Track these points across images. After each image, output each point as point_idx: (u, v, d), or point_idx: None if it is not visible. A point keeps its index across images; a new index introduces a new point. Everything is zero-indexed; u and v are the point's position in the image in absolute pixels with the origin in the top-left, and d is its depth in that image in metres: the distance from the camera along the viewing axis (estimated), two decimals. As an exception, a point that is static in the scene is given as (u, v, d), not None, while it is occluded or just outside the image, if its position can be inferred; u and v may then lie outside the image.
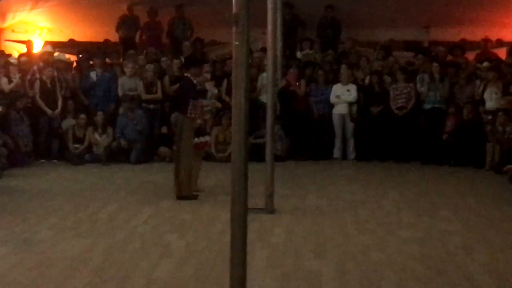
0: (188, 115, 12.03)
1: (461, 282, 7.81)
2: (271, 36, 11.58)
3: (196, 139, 12.46)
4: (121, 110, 16.71)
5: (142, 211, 11.22)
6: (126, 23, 19.62)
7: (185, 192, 11.99)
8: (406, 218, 10.92)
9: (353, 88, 16.85)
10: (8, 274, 7.99)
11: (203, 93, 13.17)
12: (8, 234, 9.72)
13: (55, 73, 16.60)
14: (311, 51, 18.75)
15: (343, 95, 16.79)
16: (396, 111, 16.57)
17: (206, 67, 15.37)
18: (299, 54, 18.92)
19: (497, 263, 8.55)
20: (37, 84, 16.34)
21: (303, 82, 17.29)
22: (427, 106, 16.45)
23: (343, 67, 17.19)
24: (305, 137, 17.02)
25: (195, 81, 12.27)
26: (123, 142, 16.39)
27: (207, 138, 13.03)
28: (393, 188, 13.38)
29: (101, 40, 19.76)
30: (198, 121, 12.29)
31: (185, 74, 12.87)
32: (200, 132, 12.56)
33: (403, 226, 10.38)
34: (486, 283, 7.78)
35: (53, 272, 8.02)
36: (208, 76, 15.93)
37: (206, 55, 18.72)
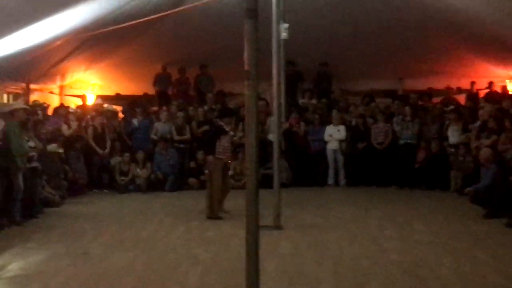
0: (216, 155, 12.11)
1: (433, 283, 7.78)
2: (276, 88, 11.61)
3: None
4: (157, 149, 16.74)
5: (176, 230, 11.20)
6: (161, 79, 19.71)
7: (214, 214, 12.03)
8: (388, 232, 10.87)
9: (342, 128, 16.85)
10: (68, 282, 8.02)
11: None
12: (68, 250, 9.74)
13: (105, 121, 16.69)
14: (309, 100, 18.78)
15: (334, 134, 16.79)
16: (377, 146, 16.55)
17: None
18: (300, 102, 18.94)
19: (462, 267, 8.50)
20: (90, 130, 16.41)
21: (302, 124, 17.31)
22: (402, 141, 16.42)
23: (335, 112, 17.21)
24: (305, 168, 16.98)
25: (227, 129, 12.33)
26: (159, 175, 16.39)
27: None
28: (376, 207, 13.31)
29: (141, 93, 19.83)
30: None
31: (219, 123, 12.92)
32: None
33: (385, 238, 10.34)
34: (454, 284, 7.74)
35: (104, 280, 8.04)
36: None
37: (226, 103, 18.79)
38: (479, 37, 15.91)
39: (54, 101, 18.42)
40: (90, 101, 19.27)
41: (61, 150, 14.68)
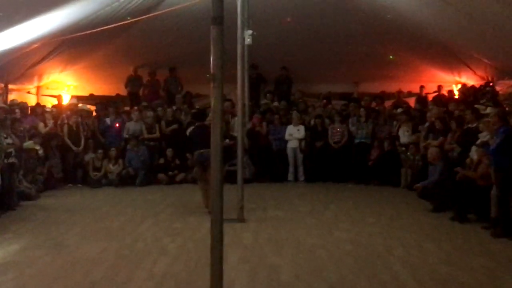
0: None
1: (383, 271, 7.86)
2: (240, 90, 11.63)
3: None
4: (128, 146, 16.66)
5: (145, 222, 11.17)
6: (132, 81, 19.58)
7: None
8: (342, 224, 10.94)
9: (302, 128, 16.87)
10: (44, 270, 7.99)
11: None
12: (43, 240, 9.69)
13: (79, 119, 16.54)
14: (270, 101, 18.79)
15: (294, 133, 16.81)
16: (333, 145, 16.62)
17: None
18: (262, 103, 18.93)
19: (410, 256, 8.61)
20: (65, 128, 16.26)
21: (264, 124, 17.31)
22: (357, 140, 16.51)
23: (294, 113, 17.23)
24: (267, 165, 16.99)
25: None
26: (130, 170, 16.30)
27: None
28: (332, 202, 13.37)
29: (114, 94, 19.69)
30: None
31: (205, 123, 12.87)
32: None
33: (340, 230, 10.40)
34: (402, 272, 7.83)
35: (77, 269, 8.02)
36: None
37: (193, 104, 18.75)
38: (427, 45, 16.09)
39: (31, 101, 18.21)
40: (66, 101, 19.07)
41: (37, 147, 14.57)
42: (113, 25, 14.41)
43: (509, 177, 9.92)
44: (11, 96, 16.84)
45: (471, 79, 17.46)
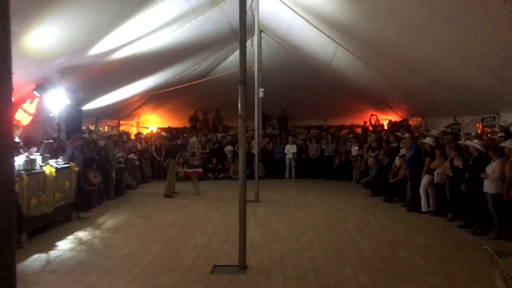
0: (175, 160, 12.25)
1: (342, 231, 7.85)
2: (256, 124, 11.71)
3: (187, 170, 12.94)
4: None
5: (201, 201, 11.20)
6: (193, 119, 19.62)
7: (168, 193, 11.99)
8: (318, 203, 10.92)
9: (294, 146, 16.78)
10: (140, 231, 8.04)
11: (185, 149, 13.36)
12: (140, 213, 9.73)
13: (161, 141, 16.58)
14: (274, 130, 18.79)
15: (289, 149, 16.73)
16: (312, 156, 16.54)
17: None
18: (268, 132, 18.90)
19: (358, 222, 8.59)
20: (153, 146, 16.27)
21: (271, 144, 17.28)
22: (326, 154, 16.41)
23: (290, 137, 17.18)
24: (273, 168, 16.94)
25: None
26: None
27: (198, 169, 12.93)
28: (311, 190, 13.30)
29: (181, 126, 19.75)
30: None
31: (172, 143, 13.36)
32: (192, 166, 12.69)
33: (316, 207, 10.39)
34: (353, 231, 7.82)
35: (159, 230, 8.06)
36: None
37: (229, 132, 18.73)
38: (368, 96, 16.09)
39: (133, 130, 18.34)
40: (154, 130, 19.18)
41: (135, 157, 14.63)
42: (181, 86, 14.59)
43: (417, 175, 9.91)
44: (121, 128, 16.99)
45: (394, 117, 17.38)
